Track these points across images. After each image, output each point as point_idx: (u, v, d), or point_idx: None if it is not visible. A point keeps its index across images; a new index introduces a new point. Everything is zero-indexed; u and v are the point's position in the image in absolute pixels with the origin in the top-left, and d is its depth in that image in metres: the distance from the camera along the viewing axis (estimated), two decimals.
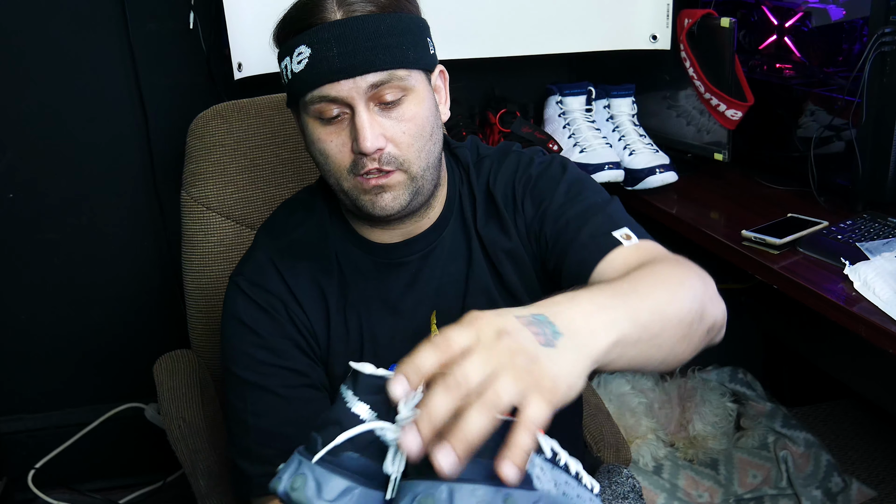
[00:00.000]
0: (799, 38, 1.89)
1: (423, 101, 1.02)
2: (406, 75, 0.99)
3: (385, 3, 0.99)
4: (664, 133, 2.06)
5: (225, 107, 1.50)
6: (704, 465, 2.15)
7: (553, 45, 1.98)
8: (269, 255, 1.11)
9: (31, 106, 1.94)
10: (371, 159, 0.99)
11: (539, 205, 1.09)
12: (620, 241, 1.00)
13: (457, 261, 1.12)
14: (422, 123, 1.01)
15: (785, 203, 1.76)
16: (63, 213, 2.02)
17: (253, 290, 1.09)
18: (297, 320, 1.09)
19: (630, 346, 0.73)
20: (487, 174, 1.14)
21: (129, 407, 2.18)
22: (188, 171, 1.48)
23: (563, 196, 1.08)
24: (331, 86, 0.97)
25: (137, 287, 2.10)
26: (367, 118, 0.98)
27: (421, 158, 1.02)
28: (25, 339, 2.09)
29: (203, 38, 1.91)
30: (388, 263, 1.11)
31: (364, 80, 0.97)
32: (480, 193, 1.13)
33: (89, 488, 2.17)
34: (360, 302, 1.11)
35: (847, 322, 1.35)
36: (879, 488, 2.06)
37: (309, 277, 1.10)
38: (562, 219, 1.06)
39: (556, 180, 1.10)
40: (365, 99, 0.98)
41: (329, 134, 1.01)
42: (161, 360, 1.49)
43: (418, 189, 1.03)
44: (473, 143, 1.19)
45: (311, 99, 0.99)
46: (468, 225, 1.12)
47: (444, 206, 1.12)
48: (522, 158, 1.14)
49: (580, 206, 1.06)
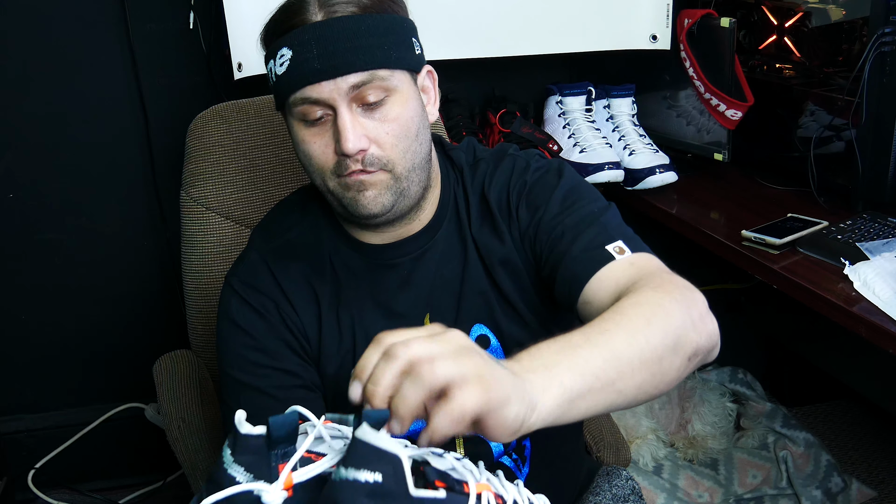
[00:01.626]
0: (799, 38, 1.88)
1: (408, 102, 1.01)
2: (388, 75, 0.99)
3: (367, 4, 0.99)
4: (664, 133, 2.06)
5: (225, 107, 1.50)
6: (704, 466, 2.15)
7: (553, 45, 1.98)
8: (262, 256, 1.11)
9: (31, 106, 1.94)
10: (354, 160, 0.99)
11: (534, 213, 1.08)
12: (613, 256, 0.98)
13: (451, 263, 1.11)
14: (406, 124, 1.01)
15: (785, 203, 1.76)
16: (63, 213, 2.02)
17: (246, 291, 1.09)
18: (289, 321, 1.09)
19: (580, 399, 0.72)
20: (483, 177, 1.13)
21: (129, 407, 2.18)
22: (188, 172, 1.48)
23: (558, 205, 1.07)
24: (312, 87, 0.97)
25: (137, 287, 2.10)
26: (349, 119, 0.97)
27: (406, 159, 1.02)
28: (25, 340, 2.09)
29: (203, 38, 1.91)
30: (380, 264, 1.11)
31: (345, 80, 0.97)
32: (475, 197, 1.13)
33: (89, 488, 2.17)
34: (352, 303, 1.11)
35: (847, 322, 1.35)
36: (879, 488, 2.06)
37: (302, 278, 1.10)
38: (556, 229, 1.05)
39: (552, 187, 1.09)
40: (347, 100, 0.98)
41: (313, 135, 1.01)
42: (161, 360, 1.49)
43: (403, 190, 1.03)
44: (470, 144, 1.18)
45: (294, 101, 0.99)
46: (463, 228, 1.12)
47: (437, 208, 1.12)
48: (518, 163, 1.13)
49: (575, 216, 1.05)
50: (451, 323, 1.08)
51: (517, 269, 1.10)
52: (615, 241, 1.00)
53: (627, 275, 0.96)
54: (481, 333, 1.12)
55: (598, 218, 1.04)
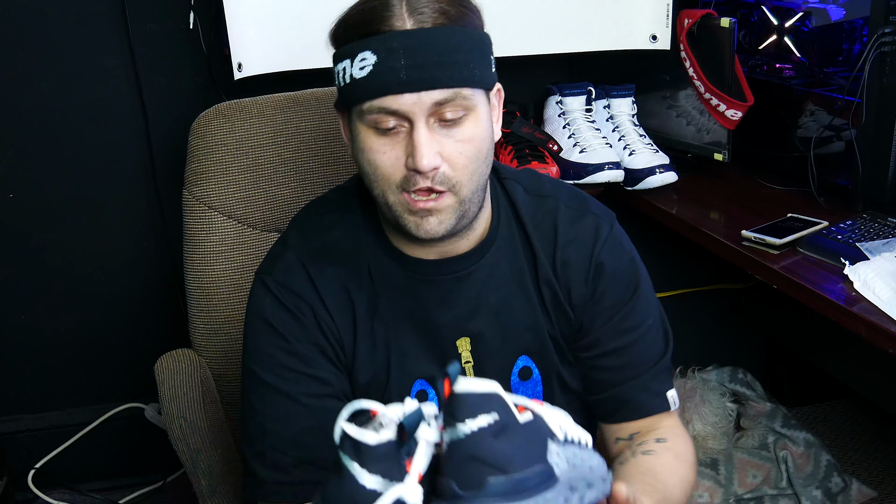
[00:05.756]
0: (799, 38, 1.89)
1: (482, 122, 0.99)
2: (470, 94, 0.96)
3: (455, 15, 0.95)
4: (664, 133, 2.06)
5: (227, 106, 1.50)
6: (704, 465, 2.15)
7: (553, 45, 1.98)
8: (299, 257, 1.08)
9: (31, 106, 1.94)
10: (424, 178, 0.95)
11: (599, 301, 1.11)
12: (671, 407, 1.13)
13: (499, 290, 1.10)
14: (479, 145, 0.98)
15: (785, 203, 1.76)
16: (63, 213, 2.02)
17: (282, 292, 1.06)
18: (325, 326, 1.06)
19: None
20: (554, 219, 1.12)
21: (129, 407, 2.18)
22: (190, 170, 1.48)
23: (630, 316, 1.12)
24: (393, 98, 0.93)
25: (138, 287, 2.10)
26: (426, 135, 0.94)
27: (473, 181, 0.99)
28: (25, 339, 2.09)
29: (203, 38, 1.91)
30: (420, 280, 1.08)
31: (429, 95, 0.93)
32: (541, 235, 1.11)
33: (89, 488, 2.17)
34: (389, 314, 1.08)
35: (847, 322, 1.36)
36: (879, 488, 2.06)
37: (338, 283, 1.07)
38: (623, 338, 1.12)
39: (630, 289, 1.12)
40: (426, 115, 0.94)
41: (383, 145, 0.97)
42: (162, 359, 1.49)
43: (465, 212, 1.00)
44: (532, 174, 1.18)
45: (370, 108, 0.95)
46: (518, 258, 1.10)
47: (487, 231, 1.10)
48: (601, 231, 1.12)
49: (644, 336, 1.13)
50: (494, 350, 1.10)
51: (568, 315, 1.12)
52: (671, 387, 1.14)
53: (664, 425, 1.13)
54: (525, 365, 1.12)
55: (665, 352, 1.14)
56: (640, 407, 1.12)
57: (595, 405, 1.15)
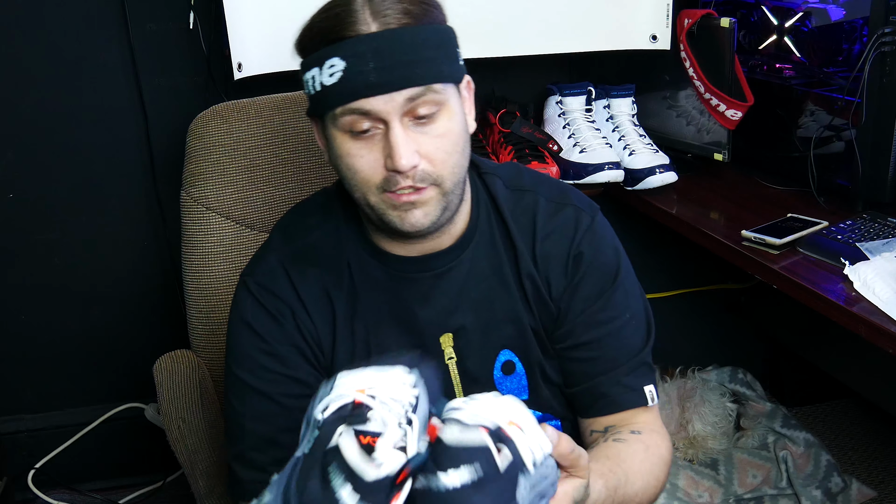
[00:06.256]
0: (799, 38, 1.88)
1: (456, 115, 0.99)
2: (441, 89, 0.97)
3: (419, 13, 0.96)
4: (664, 133, 2.06)
5: (225, 107, 1.50)
6: (704, 465, 2.15)
7: (553, 45, 1.98)
8: (280, 259, 1.09)
9: (31, 106, 1.94)
10: (405, 176, 0.96)
11: (575, 290, 1.11)
12: (648, 402, 1.11)
13: (480, 285, 1.10)
14: (455, 139, 0.99)
15: (785, 203, 1.76)
16: (63, 213, 2.02)
17: (262, 294, 1.08)
18: (304, 328, 1.07)
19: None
20: (533, 213, 1.12)
21: (129, 407, 2.18)
22: (188, 171, 1.48)
23: (606, 308, 1.11)
24: (366, 100, 0.94)
25: (137, 287, 2.10)
26: (402, 135, 0.95)
27: (454, 174, 1.00)
28: (25, 339, 2.09)
29: (203, 38, 1.91)
30: (401, 277, 1.09)
31: (400, 94, 0.94)
32: (521, 228, 1.11)
33: (89, 488, 2.17)
34: (369, 314, 1.09)
35: (847, 322, 1.35)
36: (879, 488, 2.06)
37: (319, 286, 1.08)
38: (598, 329, 1.11)
39: (608, 281, 1.11)
40: (400, 114, 0.95)
41: (360, 149, 0.97)
42: (161, 360, 1.49)
43: (448, 204, 1.01)
44: (513, 167, 1.18)
45: (343, 112, 0.96)
46: (498, 252, 1.11)
47: (467, 227, 1.10)
48: (582, 221, 1.12)
49: (621, 330, 1.12)
50: (476, 345, 1.10)
51: (549, 308, 1.12)
52: (651, 383, 1.12)
53: (640, 420, 1.11)
54: (508, 360, 1.12)
55: (646, 342, 1.13)
56: (614, 401, 1.11)
57: (572, 398, 1.14)
